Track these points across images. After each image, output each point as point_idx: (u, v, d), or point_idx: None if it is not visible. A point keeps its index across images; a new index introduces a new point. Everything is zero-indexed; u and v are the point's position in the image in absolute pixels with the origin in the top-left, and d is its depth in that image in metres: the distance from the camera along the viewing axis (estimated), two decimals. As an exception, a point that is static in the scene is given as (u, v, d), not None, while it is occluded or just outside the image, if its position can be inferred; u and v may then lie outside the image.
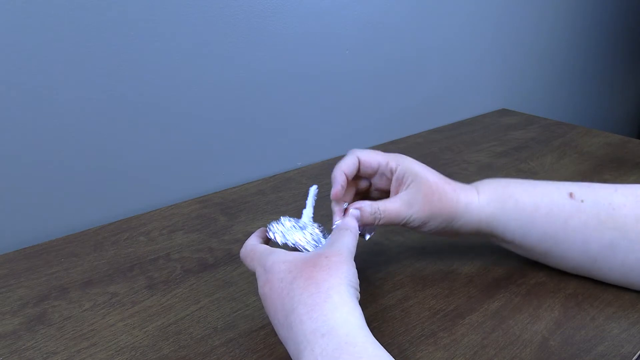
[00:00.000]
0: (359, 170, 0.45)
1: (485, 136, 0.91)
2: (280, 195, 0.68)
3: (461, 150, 0.84)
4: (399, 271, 0.50)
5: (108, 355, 0.40)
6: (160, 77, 0.61)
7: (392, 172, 0.44)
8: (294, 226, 0.42)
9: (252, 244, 0.41)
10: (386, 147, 0.86)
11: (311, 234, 0.42)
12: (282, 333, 0.34)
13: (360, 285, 0.37)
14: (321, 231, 0.43)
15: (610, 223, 0.41)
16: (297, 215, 0.45)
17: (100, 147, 0.60)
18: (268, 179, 0.73)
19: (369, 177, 0.47)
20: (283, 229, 0.42)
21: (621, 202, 0.42)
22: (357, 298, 0.36)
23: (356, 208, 0.43)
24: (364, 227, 0.44)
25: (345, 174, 0.43)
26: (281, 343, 0.40)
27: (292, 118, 0.76)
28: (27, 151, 0.55)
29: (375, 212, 0.42)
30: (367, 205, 0.42)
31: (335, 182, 0.43)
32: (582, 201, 0.43)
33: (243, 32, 0.66)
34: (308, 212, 0.44)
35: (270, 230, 0.42)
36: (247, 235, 0.57)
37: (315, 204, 0.45)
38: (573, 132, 0.91)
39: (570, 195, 0.43)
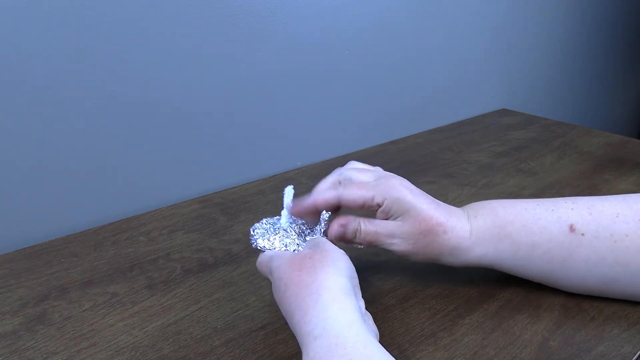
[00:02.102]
0: (339, 204, 0.43)
1: (485, 136, 0.91)
2: (280, 195, 0.67)
3: (461, 150, 0.84)
4: (399, 271, 0.50)
5: (108, 355, 0.40)
6: (160, 77, 0.61)
7: (378, 206, 0.41)
8: (272, 229, 0.42)
9: (258, 258, 0.42)
10: (386, 147, 0.86)
11: (288, 238, 0.41)
12: (295, 335, 0.36)
13: (360, 285, 0.37)
14: (298, 233, 0.42)
15: (611, 259, 0.40)
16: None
17: (100, 147, 0.60)
18: (268, 179, 0.73)
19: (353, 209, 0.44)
20: (262, 234, 0.42)
21: (623, 232, 0.39)
22: (354, 286, 0.36)
23: (341, 225, 0.42)
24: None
25: (316, 206, 0.42)
26: (281, 343, 0.40)
27: (292, 118, 0.76)
28: (26, 151, 0.55)
29: (355, 231, 0.41)
30: (350, 223, 0.42)
31: (302, 202, 0.42)
32: (582, 234, 0.40)
33: (243, 32, 0.66)
34: (285, 213, 0.43)
35: (252, 238, 0.42)
36: (247, 235, 0.57)
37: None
38: (573, 132, 0.91)
39: (571, 228, 0.40)
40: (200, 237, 0.57)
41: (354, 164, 0.47)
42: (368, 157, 0.81)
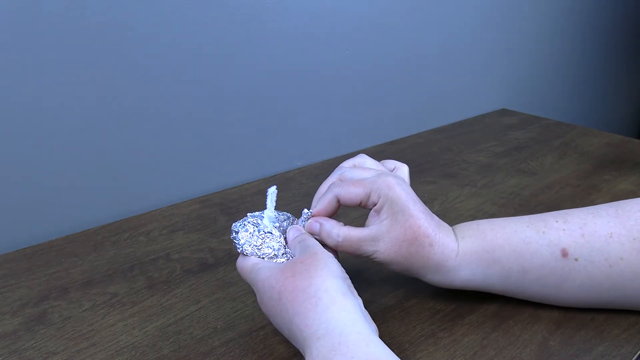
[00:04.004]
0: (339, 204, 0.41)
1: (485, 136, 0.91)
2: (280, 195, 0.67)
3: (461, 150, 0.84)
4: (399, 271, 0.50)
5: (108, 355, 0.40)
6: (160, 77, 0.61)
7: (374, 204, 0.40)
8: (257, 232, 0.41)
9: (240, 261, 0.41)
10: (386, 147, 0.86)
11: (273, 240, 0.40)
12: (292, 342, 0.36)
13: (360, 285, 0.37)
14: (282, 232, 0.42)
15: (607, 284, 0.39)
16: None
17: (100, 147, 0.60)
18: (268, 179, 0.73)
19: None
20: (248, 239, 0.40)
21: (618, 255, 0.38)
22: (349, 286, 0.36)
23: (317, 222, 0.41)
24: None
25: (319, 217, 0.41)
26: (281, 343, 0.40)
27: (292, 118, 0.76)
28: (27, 151, 0.55)
29: (335, 237, 0.39)
30: (329, 226, 0.40)
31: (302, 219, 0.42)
32: (576, 259, 0.39)
33: (243, 32, 0.66)
34: (269, 214, 0.42)
35: (237, 243, 0.40)
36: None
37: (277, 205, 0.43)
38: (573, 132, 0.91)
39: (563, 252, 0.39)
40: (200, 237, 0.57)
41: (362, 158, 0.46)
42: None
